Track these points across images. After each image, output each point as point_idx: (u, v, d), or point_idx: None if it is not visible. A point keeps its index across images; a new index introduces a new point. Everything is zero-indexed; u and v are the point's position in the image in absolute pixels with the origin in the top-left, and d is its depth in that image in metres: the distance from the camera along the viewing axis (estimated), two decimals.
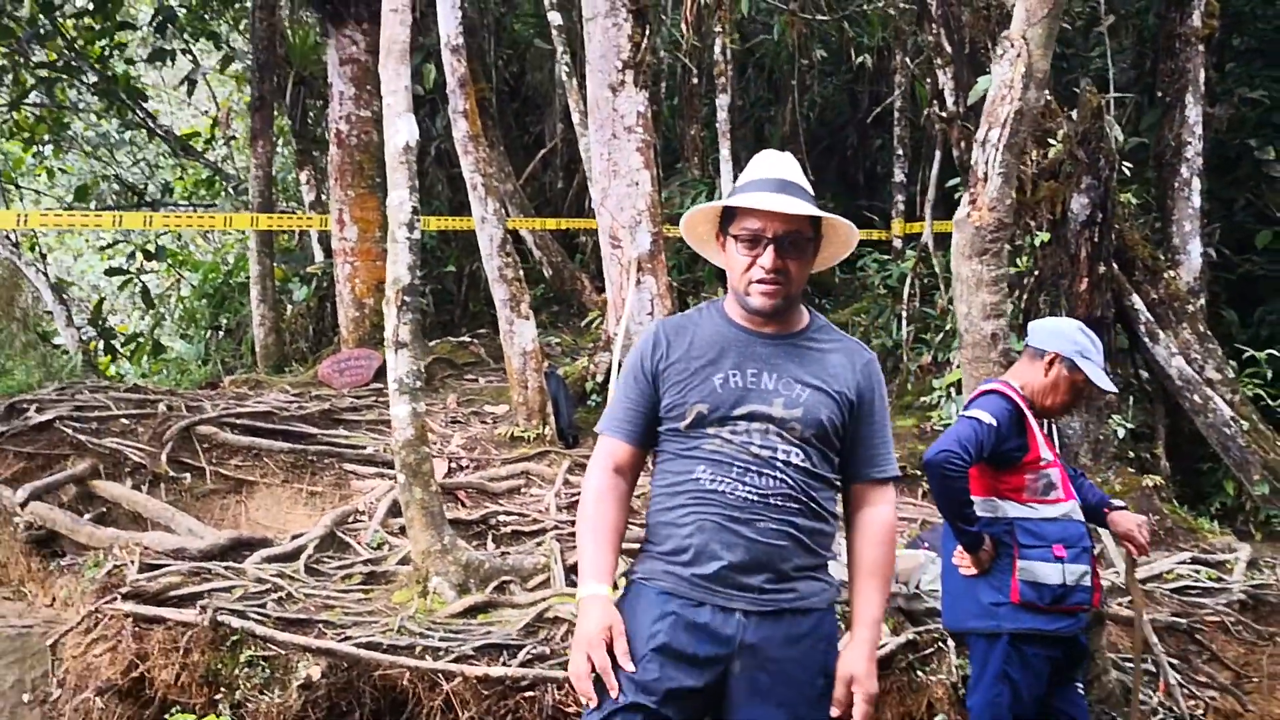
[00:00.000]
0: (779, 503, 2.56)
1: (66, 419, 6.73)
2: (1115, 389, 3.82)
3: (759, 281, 2.61)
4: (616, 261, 7.88)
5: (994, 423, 3.70)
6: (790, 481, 2.57)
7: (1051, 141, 7.38)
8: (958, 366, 7.21)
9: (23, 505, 5.98)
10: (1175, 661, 5.27)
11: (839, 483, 2.74)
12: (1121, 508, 3.98)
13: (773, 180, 2.65)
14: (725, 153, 9.55)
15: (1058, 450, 3.83)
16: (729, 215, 2.69)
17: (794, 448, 2.58)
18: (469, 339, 10.35)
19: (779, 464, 2.57)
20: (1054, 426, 3.95)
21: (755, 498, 2.56)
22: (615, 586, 2.70)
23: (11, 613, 5.77)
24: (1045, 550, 3.66)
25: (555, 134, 12.75)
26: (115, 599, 4.95)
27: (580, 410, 8.03)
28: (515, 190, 11.35)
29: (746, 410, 2.59)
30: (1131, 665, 5.05)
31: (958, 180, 8.77)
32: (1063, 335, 3.82)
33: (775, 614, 2.53)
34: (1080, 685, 3.90)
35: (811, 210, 2.62)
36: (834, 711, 2.54)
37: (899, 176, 11.85)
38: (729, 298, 2.76)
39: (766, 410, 2.58)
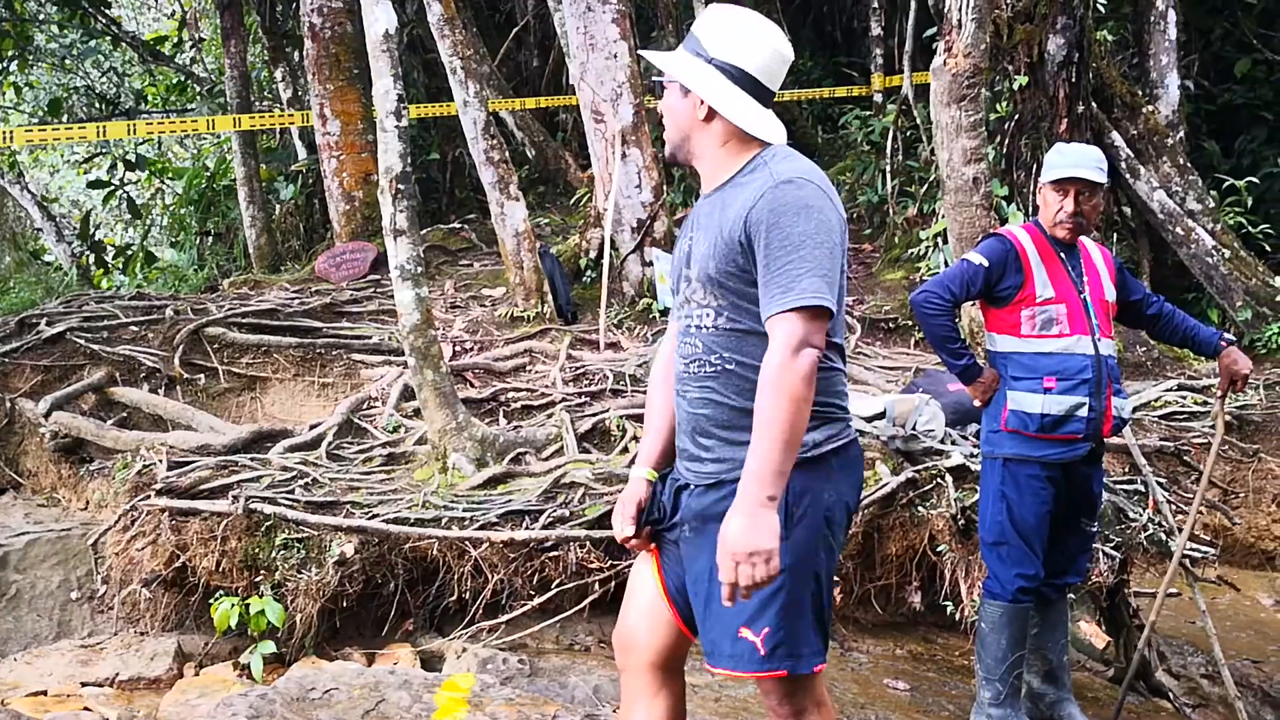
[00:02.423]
0: (696, 369, 2.53)
1: (77, 330, 6.89)
2: (1067, 174, 3.85)
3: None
4: (600, 136, 7.94)
5: (984, 263, 3.91)
6: (704, 345, 2.51)
7: None
8: (943, 217, 7.34)
9: (46, 415, 6.18)
10: (1164, 481, 5.51)
11: None
12: (1233, 343, 4.11)
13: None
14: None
15: (1082, 286, 3.95)
16: None
17: (704, 309, 2.51)
18: (459, 225, 10.42)
19: (693, 329, 2.54)
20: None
21: (683, 367, 2.57)
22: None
23: (48, 518, 6.02)
24: (1035, 382, 3.86)
25: (527, 10, 12.58)
26: (150, 496, 5.17)
27: (576, 287, 8.17)
28: (492, 72, 11.28)
29: (681, 276, 2.62)
30: (1124, 489, 5.34)
31: (935, 30, 8.77)
32: (1044, 163, 4.01)
33: (714, 485, 2.50)
34: (1092, 527, 4.11)
35: (658, 57, 2.62)
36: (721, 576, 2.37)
37: (876, 30, 11.78)
38: None
39: (689, 273, 2.57)
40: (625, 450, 5.54)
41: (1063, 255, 3.94)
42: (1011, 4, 7.42)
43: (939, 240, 8.12)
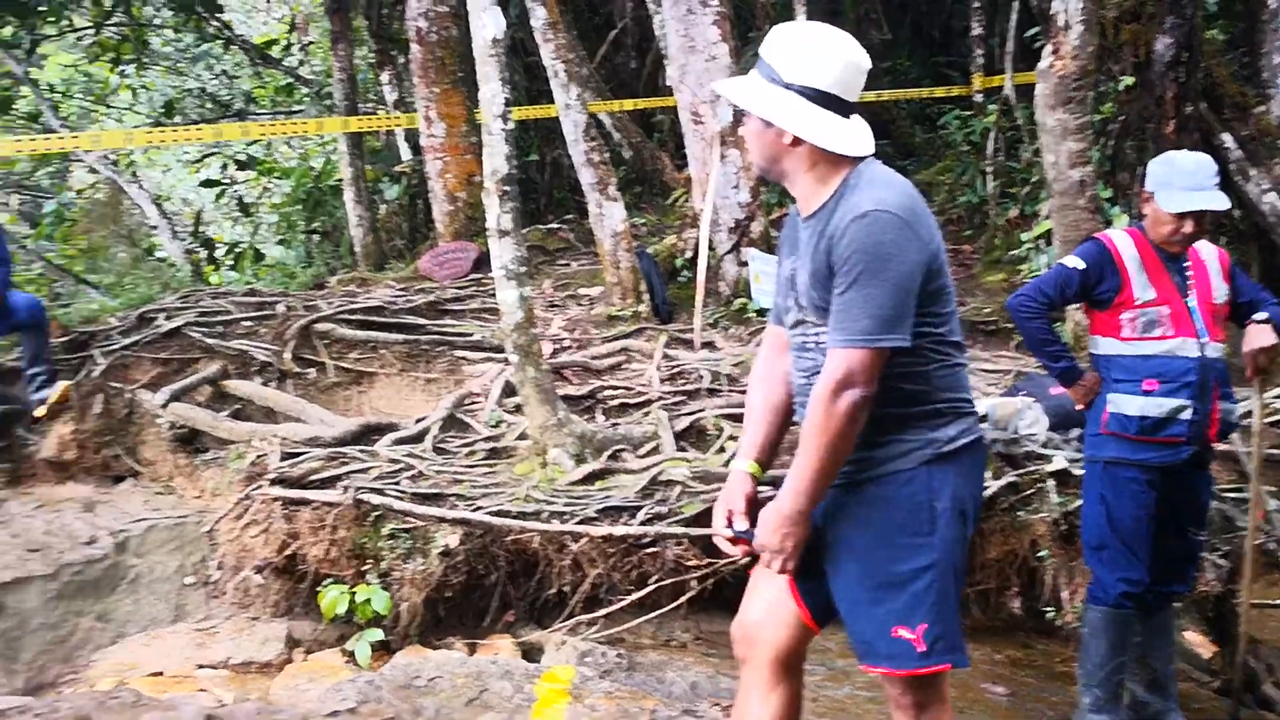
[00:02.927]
0: (814, 379, 2.56)
1: (193, 325, 7.16)
2: (1191, 206, 3.80)
3: None
4: (699, 137, 7.99)
5: (1081, 266, 3.90)
6: (824, 359, 2.54)
7: None
8: (1045, 218, 7.24)
9: (164, 406, 6.43)
10: (1275, 489, 5.38)
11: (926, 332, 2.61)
12: (1264, 321, 3.95)
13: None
14: (802, 16, 9.48)
15: (1187, 288, 3.90)
16: None
17: (819, 328, 2.58)
18: (557, 225, 10.55)
19: (810, 345, 2.62)
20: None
21: (804, 380, 2.64)
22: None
23: (165, 505, 6.25)
24: (1134, 384, 3.84)
25: (625, 13, 12.68)
26: (262, 485, 5.36)
27: (672, 286, 8.24)
28: (591, 74, 11.40)
29: (790, 300, 2.68)
30: (1232, 497, 5.23)
31: (1037, 30, 8.64)
32: (1150, 171, 3.94)
33: (848, 485, 2.58)
34: (1199, 535, 4.05)
35: (734, 90, 2.65)
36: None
37: (977, 30, 11.62)
38: None
39: (795, 298, 2.65)
40: (722, 450, 5.60)
41: (1167, 259, 3.90)
42: (1118, 4, 7.30)
43: (1041, 242, 8.01)
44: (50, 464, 6.66)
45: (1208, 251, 3.99)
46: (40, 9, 11.91)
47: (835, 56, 2.54)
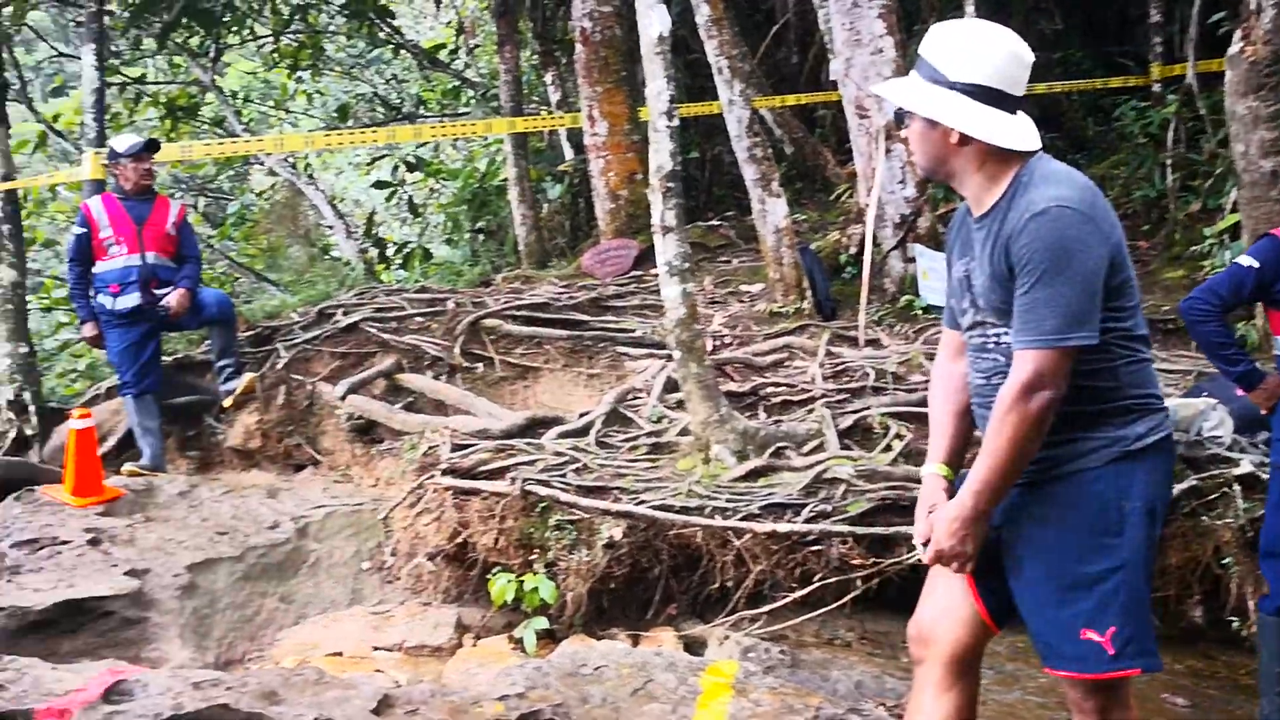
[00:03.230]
0: (999, 380, 2.54)
1: (369, 320, 7.45)
2: None
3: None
4: (864, 132, 7.89)
5: (1255, 265, 3.73)
6: (1004, 359, 2.55)
7: None
8: (1231, 212, 6.91)
9: (342, 398, 6.70)
10: None
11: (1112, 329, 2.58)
12: None
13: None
14: (970, 9, 9.26)
15: None
16: None
17: (1000, 329, 2.57)
18: (717, 222, 10.57)
19: (990, 345, 2.60)
20: None
21: (982, 381, 2.64)
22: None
23: (343, 493, 6.53)
24: None
25: (787, 9, 12.61)
26: (435, 475, 5.54)
27: (835, 283, 8.16)
28: (753, 70, 11.37)
29: (966, 301, 2.67)
30: None
31: (1223, 15, 8.25)
32: None
33: (1029, 485, 2.57)
34: None
35: (897, 92, 2.61)
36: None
37: (1155, 17, 11.15)
38: None
39: (972, 297, 2.64)
40: (888, 448, 5.52)
41: None
42: None
43: (1225, 237, 7.65)
44: (236, 452, 7.04)
45: None
46: (225, 19, 12.55)
47: (998, 51, 2.50)
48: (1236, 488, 4.75)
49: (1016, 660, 4.56)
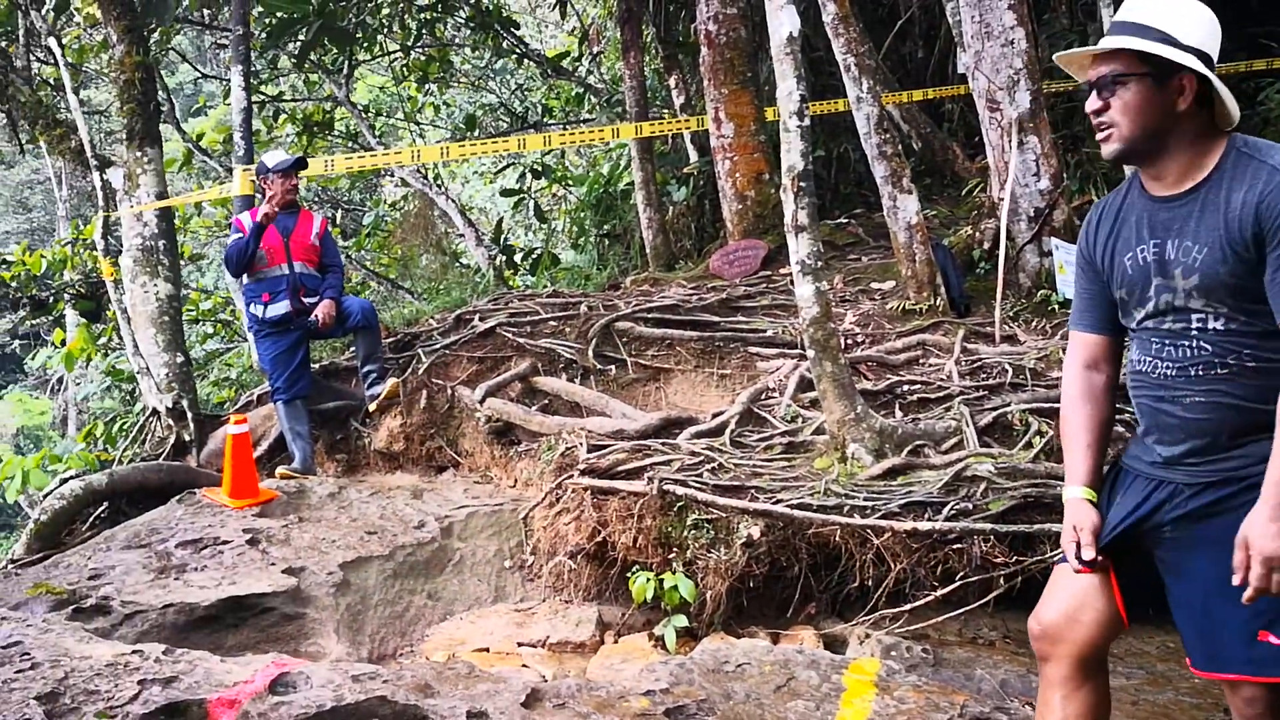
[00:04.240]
0: (1201, 372, 2.47)
1: (505, 325, 7.62)
2: None
3: (1096, 129, 2.55)
4: (995, 125, 7.77)
5: None
6: (1210, 348, 2.46)
7: None
8: None
9: (481, 401, 6.87)
10: None
11: None
12: None
13: (1114, 24, 2.55)
14: None
15: None
16: None
17: (1205, 313, 2.46)
18: (845, 220, 10.51)
19: (1194, 332, 2.47)
20: None
21: (1175, 372, 2.52)
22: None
23: (483, 494, 6.68)
24: None
25: (911, 3, 12.47)
26: (573, 475, 5.64)
27: (968, 279, 8.05)
28: (878, 66, 11.27)
29: (1154, 285, 2.53)
30: None
31: None
32: None
33: (1220, 483, 2.48)
34: None
35: (1121, 43, 2.47)
36: (1235, 579, 2.36)
37: None
38: None
39: (1169, 283, 2.50)
40: (1029, 445, 5.43)
41: None
42: None
43: None
44: (381, 454, 7.27)
45: None
46: (358, 35, 12.97)
47: (1211, 21, 2.51)
48: None
49: (1169, 660, 4.45)
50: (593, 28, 15.35)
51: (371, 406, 7.15)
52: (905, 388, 6.38)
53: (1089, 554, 2.62)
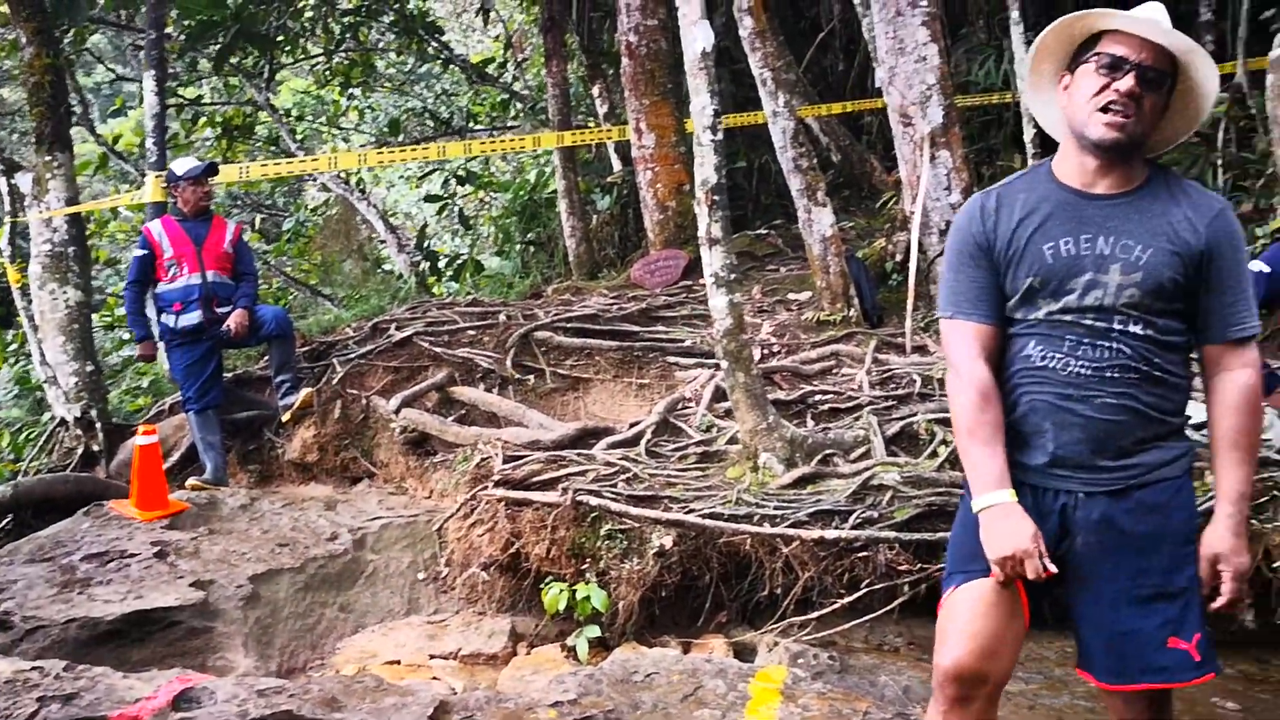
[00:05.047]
0: (1116, 375, 2.45)
1: (422, 334, 7.61)
2: None
3: (1108, 108, 2.43)
4: (908, 139, 7.91)
5: (1265, 269, 3.73)
6: (1129, 351, 2.45)
7: None
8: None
9: (397, 412, 6.84)
10: None
11: (1190, 344, 2.56)
12: None
13: (1148, 18, 2.50)
14: (1014, 14, 9.24)
15: None
16: (1085, 48, 2.53)
17: (1133, 315, 2.44)
18: (765, 231, 10.61)
19: (1115, 334, 2.45)
20: None
21: (1089, 372, 2.47)
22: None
23: (398, 505, 6.66)
24: None
25: (832, 16, 12.62)
26: (488, 487, 5.65)
27: (882, 290, 8.19)
28: (798, 79, 11.41)
29: (1082, 280, 2.47)
30: None
31: (1272, 12, 8.18)
32: None
33: (1120, 491, 2.48)
34: None
35: (1188, 42, 2.46)
36: (1205, 591, 2.43)
37: (1206, 15, 11.05)
38: (1057, 157, 2.61)
39: (1103, 278, 2.45)
40: (934, 454, 5.54)
41: None
42: None
43: (1278, 236, 7.59)
44: (295, 465, 7.21)
45: None
46: (279, 39, 12.83)
47: None
48: None
49: (1065, 665, 4.57)
50: (516, 34, 15.33)
51: (285, 416, 7.09)
52: (817, 397, 6.47)
53: (1050, 564, 2.45)
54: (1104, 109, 2.43)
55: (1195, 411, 5.04)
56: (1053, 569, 2.45)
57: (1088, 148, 2.49)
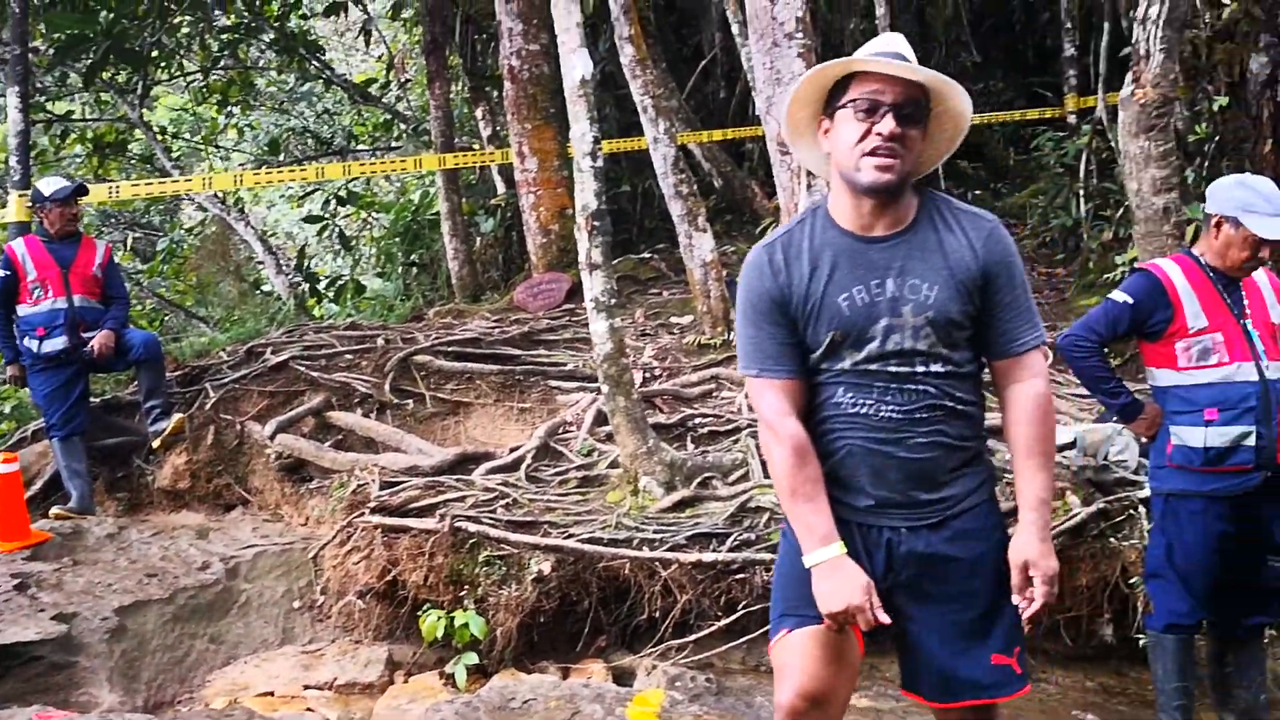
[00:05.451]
0: (924, 415, 2.49)
1: (299, 358, 7.47)
2: None
3: (874, 152, 2.42)
4: (786, 167, 8.04)
5: (1129, 301, 3.88)
6: (934, 390, 2.49)
7: (1224, 1, 7.19)
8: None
9: (272, 438, 6.70)
10: None
11: (982, 366, 2.63)
12: None
13: (890, 53, 2.49)
14: None
15: (1242, 311, 3.88)
16: (836, 94, 2.51)
17: (932, 355, 2.48)
18: (649, 255, 10.69)
19: (919, 376, 2.48)
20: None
21: (900, 415, 2.49)
22: None
23: (273, 532, 6.52)
24: (1195, 415, 3.80)
25: (714, 44, 12.81)
26: (365, 513, 5.58)
27: None
28: (680, 106, 11.55)
29: (880, 326, 2.48)
30: None
31: (1129, 50, 8.59)
32: (1223, 195, 3.84)
33: (938, 523, 2.53)
34: (1276, 562, 3.96)
35: (933, 73, 2.46)
36: (1015, 598, 2.48)
37: (1069, 50, 11.53)
38: (831, 200, 2.60)
39: (898, 322, 2.47)
40: None
41: (1222, 284, 3.87)
42: (1211, 23, 7.23)
43: (1134, 264, 7.93)
44: (165, 493, 7.00)
45: (1258, 273, 3.95)
46: (153, 55, 12.50)
47: None
48: (1141, 510, 4.93)
49: None
50: (399, 55, 15.21)
51: (155, 443, 6.87)
52: (697, 420, 6.54)
53: (882, 614, 2.46)
54: (871, 153, 2.43)
55: (1072, 432, 5.22)
56: (884, 619, 2.45)
57: (861, 192, 2.49)
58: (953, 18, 12.79)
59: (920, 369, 2.49)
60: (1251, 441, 3.75)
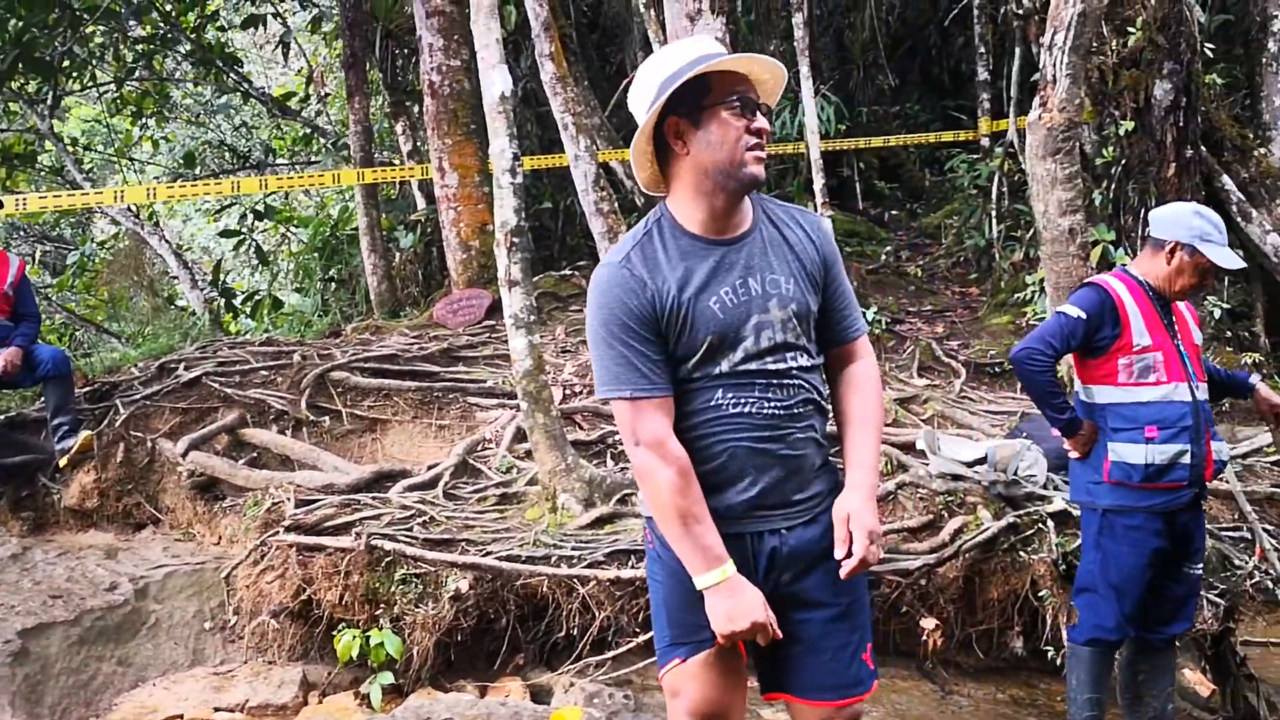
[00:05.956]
0: (801, 409, 2.54)
1: (212, 374, 7.33)
2: (1242, 265, 3.99)
3: (755, 147, 2.47)
4: None
5: (1082, 315, 3.95)
6: (805, 384, 2.55)
7: (1130, 29, 7.42)
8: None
9: (184, 455, 6.57)
10: (1271, 528, 5.44)
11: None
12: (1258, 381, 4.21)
13: (749, 56, 2.49)
14: (804, 69, 9.65)
15: (1175, 333, 4.01)
16: (696, 96, 2.48)
17: (799, 347, 2.54)
18: (570, 272, 10.69)
19: (794, 371, 2.52)
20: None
21: (782, 411, 2.51)
22: None
23: (184, 552, 6.38)
24: (1136, 432, 3.88)
25: (636, 62, 12.88)
26: (279, 532, 5.49)
27: None
28: (603, 123, 11.59)
29: (751, 324, 2.49)
30: (1230, 536, 5.32)
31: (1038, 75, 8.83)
32: (1180, 223, 3.92)
33: (810, 520, 2.56)
34: (1195, 570, 4.09)
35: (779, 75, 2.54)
36: (838, 551, 2.49)
37: (983, 75, 11.80)
38: (676, 210, 2.56)
39: (767, 318, 2.50)
40: None
41: (1158, 304, 3.99)
42: (1117, 50, 7.45)
43: (1046, 285, 8.13)
44: (73, 512, 6.82)
45: None
46: (64, 65, 12.24)
47: None
48: (1050, 524, 5.05)
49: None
50: (319, 69, 15.07)
51: (62, 461, 6.70)
52: (617, 437, 6.54)
53: (777, 630, 2.48)
54: (751, 148, 2.46)
55: (961, 450, 5.30)
56: (779, 634, 2.48)
57: (732, 189, 2.49)
58: (870, 41, 13.05)
59: (793, 363, 2.53)
60: (1187, 460, 3.86)
